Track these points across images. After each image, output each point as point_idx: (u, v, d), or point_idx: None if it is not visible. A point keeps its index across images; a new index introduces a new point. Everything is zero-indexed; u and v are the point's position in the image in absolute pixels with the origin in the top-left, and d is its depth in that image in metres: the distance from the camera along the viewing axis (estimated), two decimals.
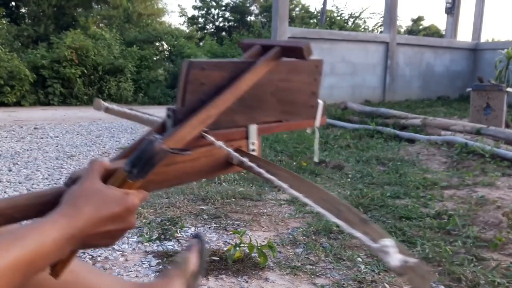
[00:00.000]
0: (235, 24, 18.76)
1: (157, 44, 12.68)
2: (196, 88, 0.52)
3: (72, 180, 0.48)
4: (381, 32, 10.57)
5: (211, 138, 0.53)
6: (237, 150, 0.57)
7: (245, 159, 0.54)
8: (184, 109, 0.51)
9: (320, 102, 0.64)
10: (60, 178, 3.00)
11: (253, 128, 0.58)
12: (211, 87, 0.52)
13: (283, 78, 0.58)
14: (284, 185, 0.48)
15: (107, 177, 0.48)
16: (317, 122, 0.64)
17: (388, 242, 0.36)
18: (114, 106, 0.61)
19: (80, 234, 0.42)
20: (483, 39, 9.49)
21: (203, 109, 0.51)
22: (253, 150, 0.59)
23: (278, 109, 0.59)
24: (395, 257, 0.36)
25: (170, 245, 1.83)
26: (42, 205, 0.47)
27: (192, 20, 19.32)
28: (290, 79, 0.59)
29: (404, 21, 26.59)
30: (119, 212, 0.45)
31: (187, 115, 0.51)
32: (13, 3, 13.53)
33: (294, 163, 3.24)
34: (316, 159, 0.82)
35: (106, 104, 0.61)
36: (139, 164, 0.46)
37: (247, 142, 0.58)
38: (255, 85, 0.55)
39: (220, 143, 0.53)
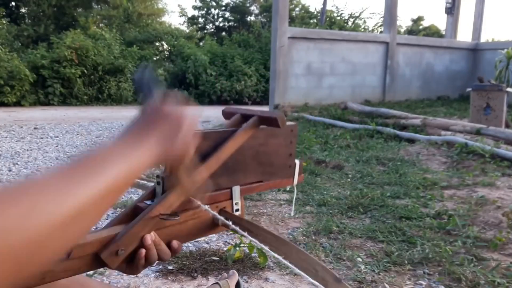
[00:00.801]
0: (235, 24, 18.77)
1: (157, 44, 12.69)
2: None
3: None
4: (381, 32, 10.57)
5: (197, 202, 0.57)
6: (222, 211, 0.62)
7: (229, 222, 0.59)
8: (172, 177, 0.55)
9: (297, 162, 0.70)
10: None
11: (237, 190, 0.63)
12: (196, 155, 0.56)
13: (262, 142, 0.63)
14: (266, 247, 0.52)
15: None
16: (295, 180, 0.69)
17: None
18: None
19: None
20: (483, 39, 9.49)
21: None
22: (237, 210, 0.64)
23: (258, 171, 0.64)
24: None
25: None
26: None
27: (192, 20, 19.32)
28: (269, 143, 0.64)
29: (404, 21, 26.66)
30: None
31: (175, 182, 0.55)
32: (13, 3, 13.54)
33: None
34: (292, 214, 0.85)
35: None
36: (144, 87, 0.50)
37: (231, 203, 0.63)
38: (237, 151, 0.59)
39: (205, 207, 0.57)
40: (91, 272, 1.57)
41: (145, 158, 0.39)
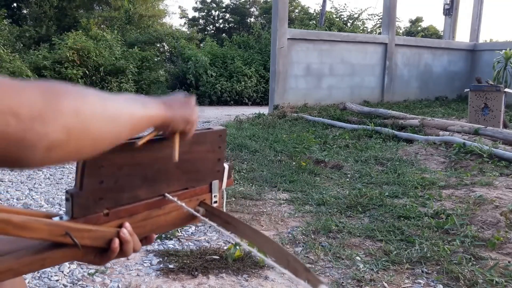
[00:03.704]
0: (235, 26, 18.80)
1: (158, 45, 12.71)
2: (94, 171, 0.54)
3: None
4: (379, 33, 10.59)
5: (171, 198, 0.60)
6: (202, 203, 0.65)
7: (205, 217, 0.62)
8: (82, 193, 0.53)
9: (226, 166, 0.69)
10: (62, 178, 3.01)
11: (216, 183, 0.67)
12: (110, 168, 0.55)
13: (186, 150, 0.61)
14: (242, 243, 0.55)
15: None
16: (224, 184, 0.70)
17: (325, 286, 0.44)
18: None
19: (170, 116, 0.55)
20: (481, 40, 9.52)
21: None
22: (215, 202, 0.67)
23: (183, 179, 0.63)
24: None
25: (171, 244, 1.84)
26: None
27: (192, 22, 19.36)
28: (194, 151, 0.63)
29: (402, 22, 26.63)
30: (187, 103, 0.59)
31: (86, 198, 0.53)
32: (15, 4, 13.56)
33: (294, 163, 3.26)
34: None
35: None
36: None
37: (210, 196, 0.67)
38: (158, 161, 0.58)
39: (182, 203, 0.61)
40: (92, 271, 1.58)
41: (156, 111, 0.52)
